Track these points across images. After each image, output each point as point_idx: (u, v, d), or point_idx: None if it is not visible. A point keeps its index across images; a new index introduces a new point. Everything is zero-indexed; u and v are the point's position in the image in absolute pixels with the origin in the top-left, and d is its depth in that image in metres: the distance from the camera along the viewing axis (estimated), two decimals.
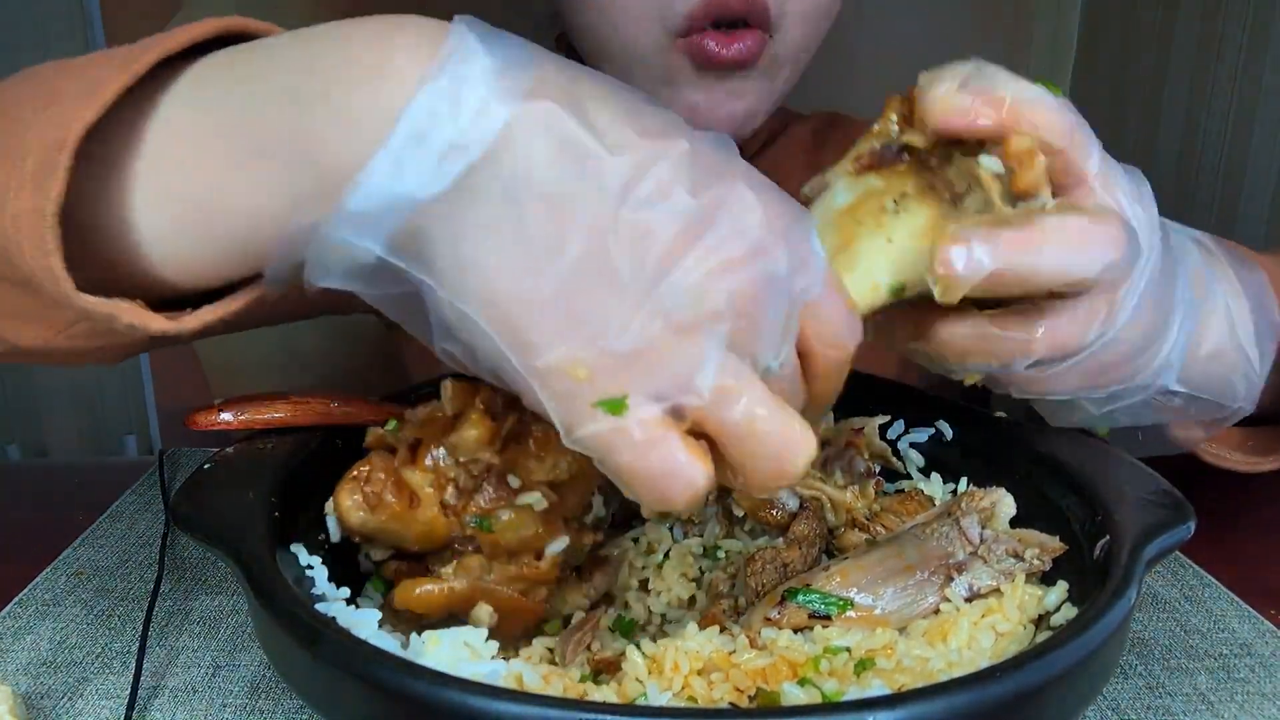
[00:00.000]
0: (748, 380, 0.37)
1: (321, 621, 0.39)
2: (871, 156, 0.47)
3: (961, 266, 0.41)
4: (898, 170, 0.46)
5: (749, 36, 0.70)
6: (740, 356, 0.37)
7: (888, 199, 0.46)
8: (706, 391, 0.36)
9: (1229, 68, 1.52)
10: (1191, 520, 0.47)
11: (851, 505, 0.55)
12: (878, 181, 0.46)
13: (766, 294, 0.37)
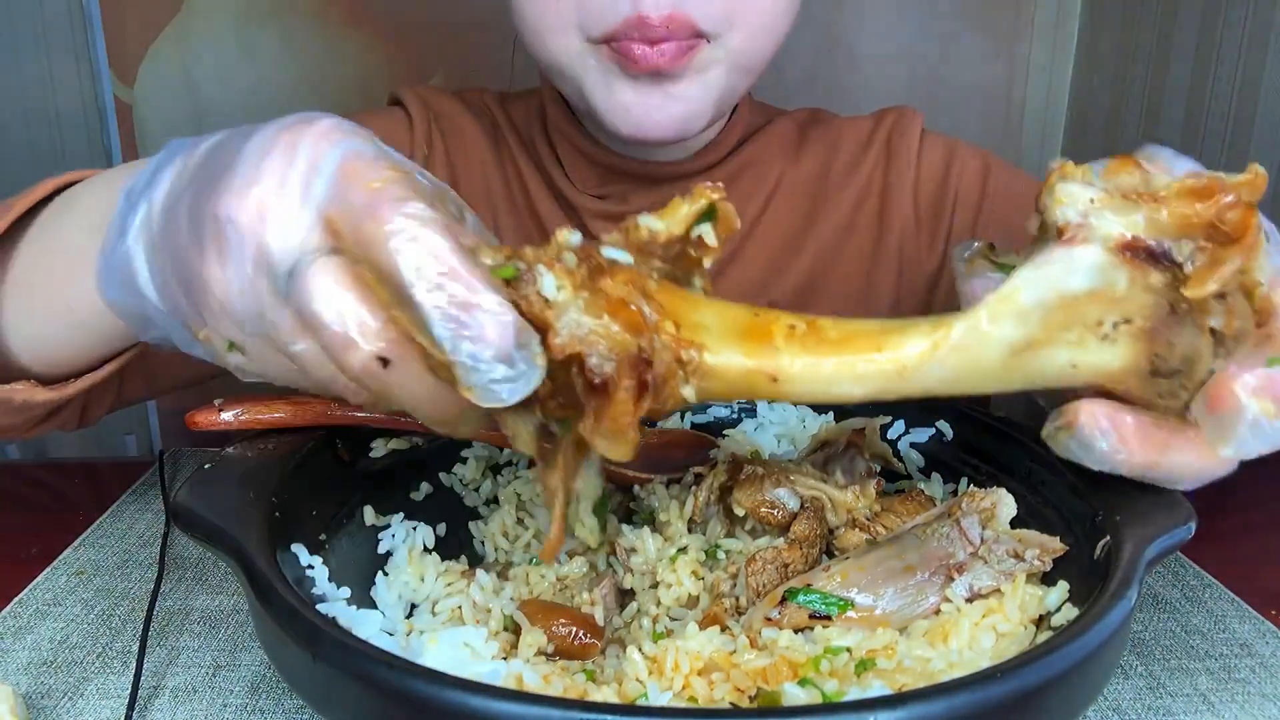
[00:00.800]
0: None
1: (321, 621, 0.39)
2: (1144, 249, 0.41)
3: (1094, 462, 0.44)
4: (1149, 281, 0.41)
5: (674, 42, 0.69)
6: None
7: (1111, 316, 0.41)
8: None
9: (1229, 68, 1.52)
10: (1192, 521, 0.47)
11: (852, 505, 0.55)
12: (1122, 280, 0.41)
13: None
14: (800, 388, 0.42)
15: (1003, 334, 0.41)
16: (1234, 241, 0.40)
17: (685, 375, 0.41)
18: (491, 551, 0.59)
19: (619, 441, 0.41)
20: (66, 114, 1.77)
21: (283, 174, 0.41)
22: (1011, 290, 0.42)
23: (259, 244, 0.41)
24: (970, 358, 0.42)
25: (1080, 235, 0.41)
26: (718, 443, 0.62)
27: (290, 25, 1.77)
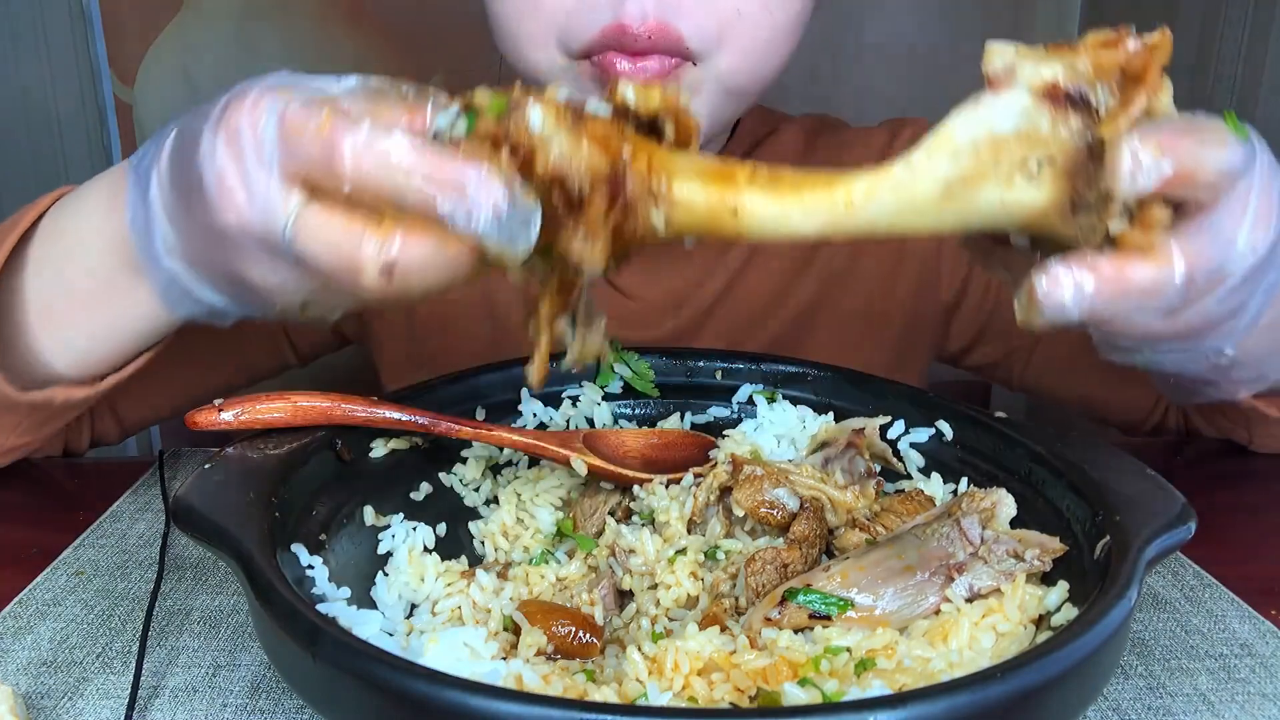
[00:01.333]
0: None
1: (322, 621, 0.39)
2: (1062, 95, 0.45)
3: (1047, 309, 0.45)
4: (1069, 123, 0.45)
5: (655, 59, 0.67)
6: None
7: (1035, 155, 0.45)
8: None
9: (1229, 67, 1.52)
10: (1192, 521, 0.47)
11: (852, 506, 0.55)
12: (1044, 123, 0.45)
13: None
14: (757, 220, 0.46)
15: (938, 170, 0.46)
16: (1140, 83, 0.45)
17: (655, 202, 0.46)
18: (491, 551, 0.59)
19: (592, 248, 0.45)
20: (66, 114, 1.77)
21: (237, 165, 0.46)
22: (947, 130, 0.46)
23: (254, 236, 0.46)
24: (909, 194, 0.46)
25: (1007, 82, 0.46)
26: (717, 443, 0.62)
27: (290, 25, 1.77)
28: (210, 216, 0.47)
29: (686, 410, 0.67)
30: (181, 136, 0.52)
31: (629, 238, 0.46)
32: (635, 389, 0.67)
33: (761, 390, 0.67)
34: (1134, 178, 0.43)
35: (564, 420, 0.65)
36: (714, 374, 0.68)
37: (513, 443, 0.59)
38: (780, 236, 0.47)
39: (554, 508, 0.61)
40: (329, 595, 0.48)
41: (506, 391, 0.65)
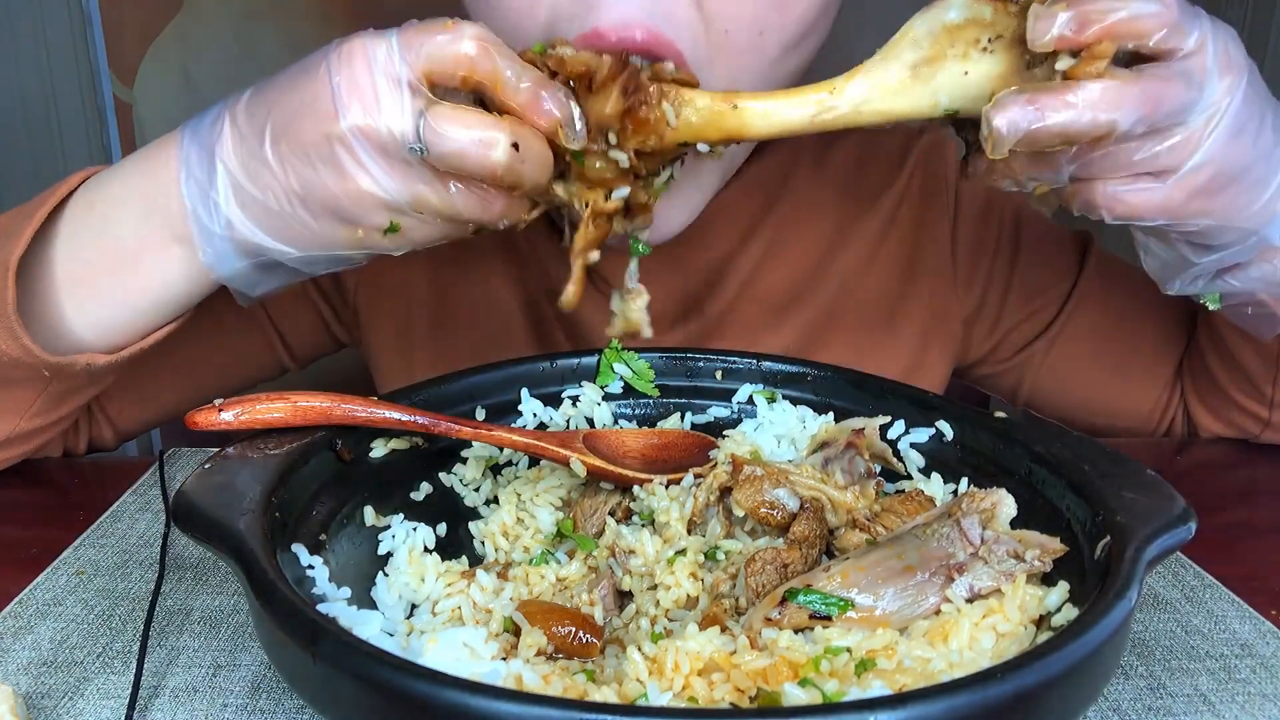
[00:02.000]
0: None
1: (322, 621, 0.39)
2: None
3: (1004, 128, 0.51)
4: (1009, 9, 0.54)
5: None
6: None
7: (985, 35, 0.54)
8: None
9: None
10: (1192, 521, 0.47)
11: (852, 506, 0.55)
12: (988, 11, 0.54)
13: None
14: (754, 111, 0.57)
15: (903, 57, 0.56)
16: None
17: (664, 96, 0.57)
18: (491, 551, 0.59)
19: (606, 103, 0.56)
20: (66, 114, 1.77)
21: (368, 69, 0.54)
22: (906, 28, 0.56)
23: (378, 138, 0.53)
24: (882, 77, 0.56)
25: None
26: (718, 443, 0.62)
27: (290, 25, 1.77)
28: (323, 127, 0.54)
29: (686, 410, 0.67)
30: (264, 87, 0.59)
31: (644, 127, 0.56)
32: (635, 389, 0.67)
33: (761, 390, 0.67)
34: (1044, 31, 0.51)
35: (564, 420, 0.65)
36: (714, 374, 0.68)
37: (513, 443, 0.59)
38: (777, 125, 0.56)
39: (554, 508, 0.61)
40: (329, 595, 0.48)
41: (506, 391, 0.65)
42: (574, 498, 0.61)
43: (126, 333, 0.66)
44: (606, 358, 0.67)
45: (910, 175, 0.90)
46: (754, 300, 0.87)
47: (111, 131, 1.79)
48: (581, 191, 0.58)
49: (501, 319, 0.88)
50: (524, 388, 0.65)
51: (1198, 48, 0.53)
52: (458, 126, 0.53)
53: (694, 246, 0.84)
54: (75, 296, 0.65)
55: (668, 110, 0.56)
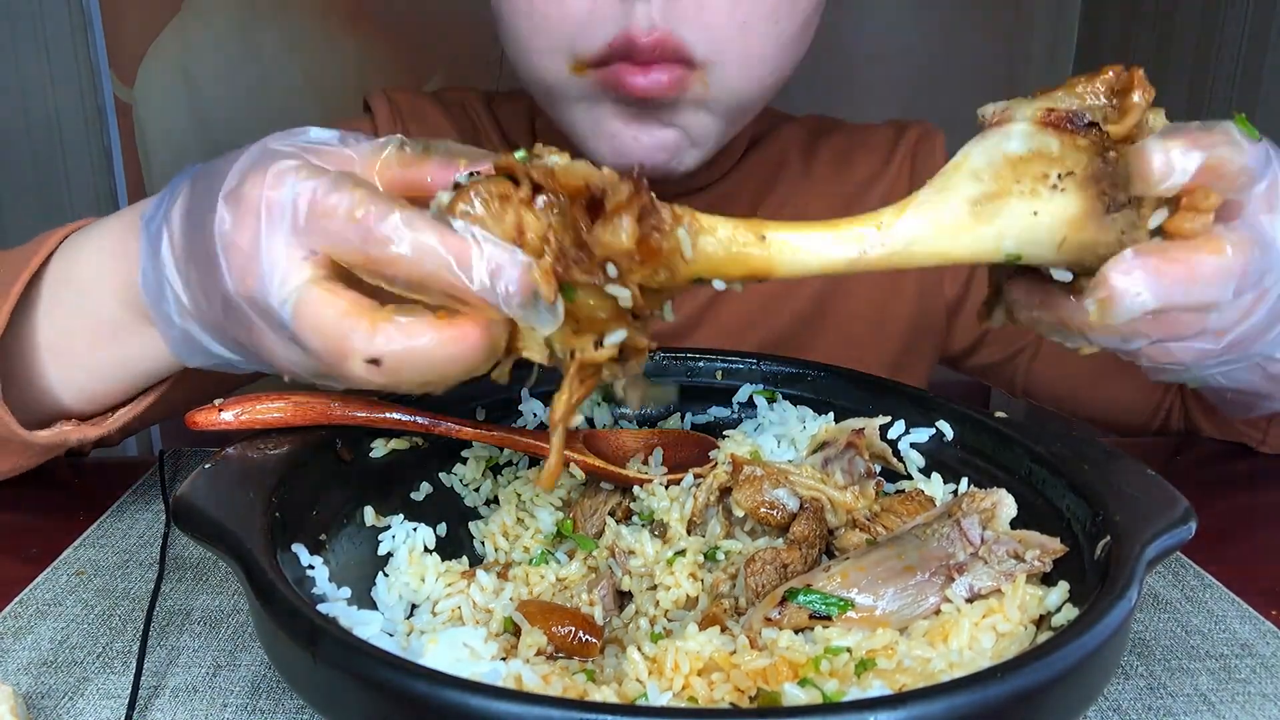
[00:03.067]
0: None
1: (322, 621, 0.39)
2: (1061, 117, 0.46)
3: (1127, 300, 0.45)
4: (1078, 143, 0.46)
5: (665, 69, 0.67)
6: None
7: (1055, 170, 0.46)
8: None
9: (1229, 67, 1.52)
10: (1192, 521, 0.47)
11: (852, 506, 0.55)
12: (1054, 145, 0.46)
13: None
14: (787, 245, 0.46)
15: (961, 191, 0.46)
16: (1129, 91, 0.46)
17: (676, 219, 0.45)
18: (491, 551, 0.59)
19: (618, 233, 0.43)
20: (66, 114, 1.77)
21: (252, 239, 0.45)
22: (961, 158, 0.47)
23: (259, 310, 0.46)
24: (938, 213, 0.46)
25: (1004, 118, 0.47)
26: (718, 443, 0.62)
27: (290, 25, 1.77)
28: (221, 285, 0.47)
29: (686, 410, 0.67)
30: (194, 199, 0.51)
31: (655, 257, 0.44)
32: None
33: (762, 390, 0.67)
34: (1167, 173, 0.44)
35: None
36: (714, 374, 0.68)
37: (513, 443, 0.59)
38: (813, 265, 0.46)
39: (554, 508, 0.61)
40: (329, 595, 0.48)
41: (506, 391, 0.65)
42: (574, 498, 0.61)
43: (111, 398, 0.64)
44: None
45: (900, 166, 0.90)
46: (741, 294, 0.88)
47: (111, 131, 1.79)
48: (566, 338, 0.45)
49: None
50: (524, 388, 0.65)
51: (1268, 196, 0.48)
52: (310, 327, 0.44)
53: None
54: (57, 364, 0.63)
55: (683, 239, 0.45)
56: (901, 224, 0.46)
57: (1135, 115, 0.46)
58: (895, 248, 0.46)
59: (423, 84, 1.81)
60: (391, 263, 0.42)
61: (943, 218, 0.46)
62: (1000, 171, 0.46)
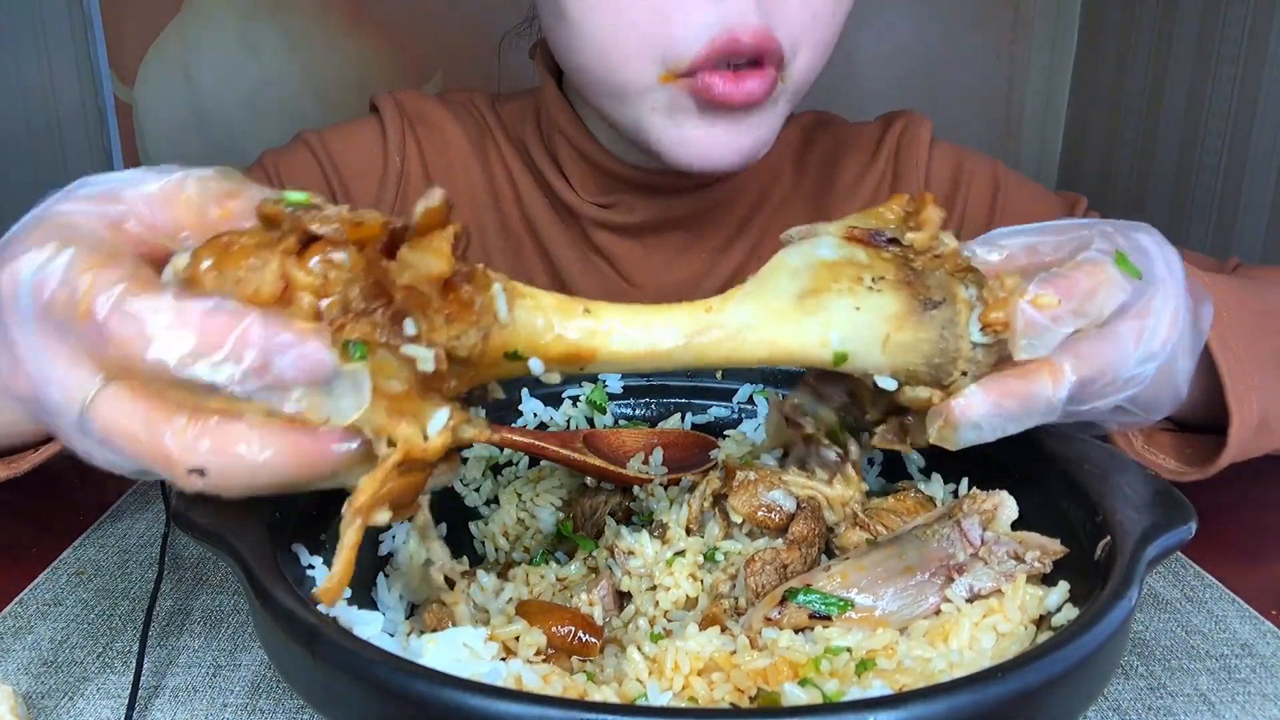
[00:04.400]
0: None
1: (321, 621, 0.39)
2: (863, 234, 0.49)
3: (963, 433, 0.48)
4: (883, 256, 0.48)
5: (759, 76, 0.67)
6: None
7: (867, 275, 0.47)
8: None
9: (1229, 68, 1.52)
10: (1192, 521, 0.47)
11: (844, 497, 0.55)
12: (861, 254, 0.48)
13: None
14: (612, 328, 0.44)
15: (785, 285, 0.47)
16: (920, 209, 0.49)
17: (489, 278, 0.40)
18: (492, 551, 0.59)
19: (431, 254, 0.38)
20: (66, 114, 1.77)
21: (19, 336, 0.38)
22: (778, 260, 0.48)
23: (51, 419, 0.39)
24: (766, 301, 0.47)
25: (811, 235, 0.49)
26: (718, 443, 0.62)
27: (291, 24, 1.77)
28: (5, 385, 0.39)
29: (686, 410, 0.67)
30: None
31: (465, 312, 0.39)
32: (636, 389, 0.67)
33: (761, 390, 0.67)
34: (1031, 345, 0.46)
35: (564, 420, 0.65)
36: (714, 374, 0.68)
37: (513, 443, 0.59)
38: (640, 348, 0.44)
39: (554, 508, 0.61)
40: None
41: (507, 391, 0.65)
42: (574, 498, 0.61)
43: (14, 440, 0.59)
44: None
45: (886, 160, 0.91)
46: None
47: (111, 131, 1.79)
48: (381, 420, 0.38)
49: None
50: (524, 388, 0.65)
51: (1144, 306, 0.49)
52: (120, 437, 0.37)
53: (692, 237, 0.85)
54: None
55: (498, 295, 0.40)
56: (731, 309, 0.46)
57: (932, 227, 0.48)
58: (725, 334, 0.46)
59: (423, 84, 1.81)
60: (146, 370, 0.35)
61: (771, 305, 0.47)
62: (818, 272, 0.47)
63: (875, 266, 0.48)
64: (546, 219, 0.88)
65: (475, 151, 0.89)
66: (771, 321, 0.46)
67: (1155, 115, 1.68)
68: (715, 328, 0.46)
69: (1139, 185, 1.70)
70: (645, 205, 0.84)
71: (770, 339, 0.46)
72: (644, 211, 0.84)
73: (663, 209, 0.85)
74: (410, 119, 0.89)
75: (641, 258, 0.87)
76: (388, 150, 0.87)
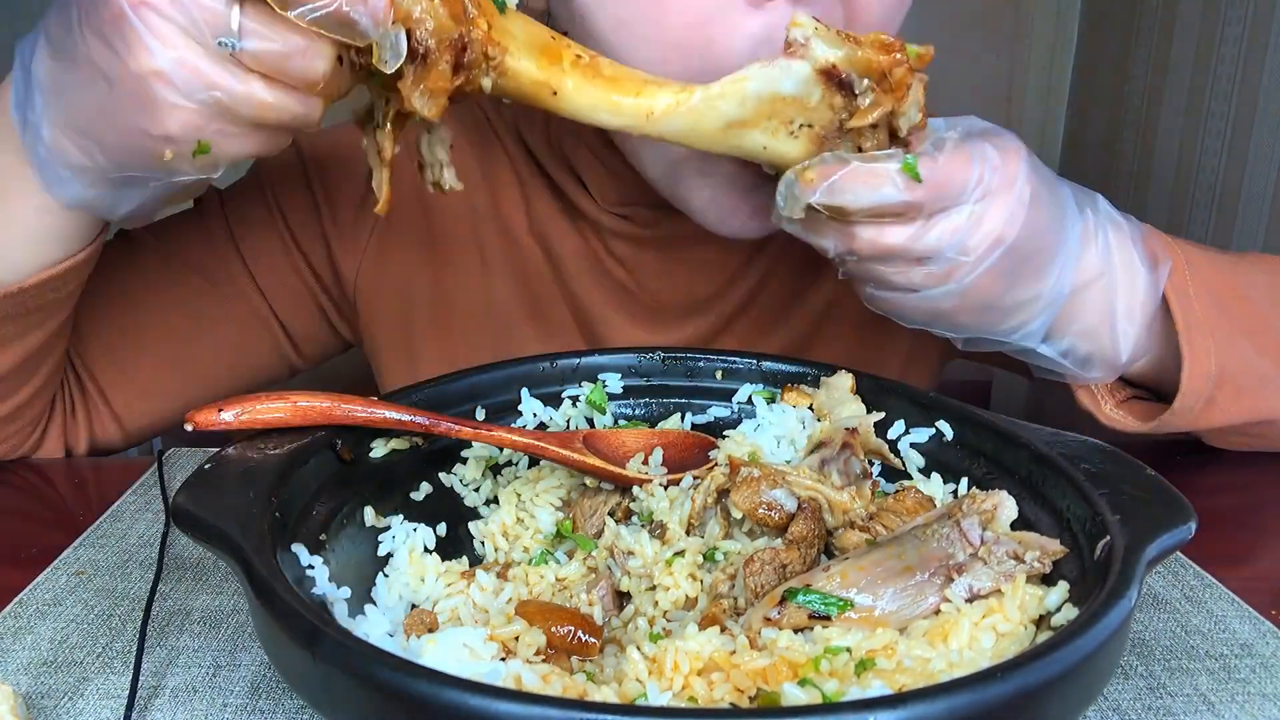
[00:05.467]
0: None
1: (321, 621, 0.39)
2: (839, 77, 0.56)
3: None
4: (833, 102, 0.56)
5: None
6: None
7: (799, 119, 0.57)
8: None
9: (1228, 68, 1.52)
10: (1192, 521, 0.47)
11: (848, 506, 0.55)
12: (815, 96, 0.56)
13: None
14: (570, 106, 0.56)
15: (725, 109, 0.57)
16: (891, 91, 0.56)
17: (487, 68, 0.53)
18: (491, 551, 0.59)
19: (433, 102, 0.52)
20: None
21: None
22: (742, 77, 0.56)
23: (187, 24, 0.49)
24: (698, 119, 0.57)
25: (800, 53, 0.56)
26: (718, 443, 0.62)
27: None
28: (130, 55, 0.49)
29: (686, 410, 0.67)
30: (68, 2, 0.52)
31: (457, 95, 0.53)
32: (636, 389, 0.67)
33: (761, 390, 0.67)
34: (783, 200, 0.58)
35: (564, 420, 0.65)
36: (714, 374, 0.68)
37: (512, 443, 0.59)
38: (588, 122, 0.56)
39: (554, 508, 0.61)
40: (329, 595, 0.48)
41: (506, 391, 0.65)
42: (574, 498, 0.61)
43: (29, 264, 0.66)
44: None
45: None
46: (759, 302, 0.88)
47: None
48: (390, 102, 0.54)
49: (502, 318, 0.88)
50: (524, 388, 0.65)
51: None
52: (270, 36, 0.49)
53: (713, 251, 0.85)
54: None
55: (485, 83, 0.53)
56: (668, 120, 0.56)
57: (873, 119, 0.56)
58: (656, 131, 0.57)
59: None
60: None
61: (699, 124, 0.57)
62: (762, 105, 0.56)
63: (814, 113, 0.56)
64: (556, 225, 0.87)
65: (476, 151, 0.88)
66: (691, 136, 0.57)
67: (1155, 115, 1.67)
68: (649, 128, 0.57)
69: (1139, 185, 1.70)
70: (664, 219, 0.83)
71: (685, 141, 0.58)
72: (662, 225, 0.84)
73: (681, 224, 0.84)
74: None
75: (661, 270, 0.86)
76: None
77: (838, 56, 0.55)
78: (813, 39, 0.55)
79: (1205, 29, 1.56)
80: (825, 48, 0.55)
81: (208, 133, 0.52)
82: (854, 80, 0.56)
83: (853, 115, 0.56)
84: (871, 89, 0.56)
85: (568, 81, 0.55)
